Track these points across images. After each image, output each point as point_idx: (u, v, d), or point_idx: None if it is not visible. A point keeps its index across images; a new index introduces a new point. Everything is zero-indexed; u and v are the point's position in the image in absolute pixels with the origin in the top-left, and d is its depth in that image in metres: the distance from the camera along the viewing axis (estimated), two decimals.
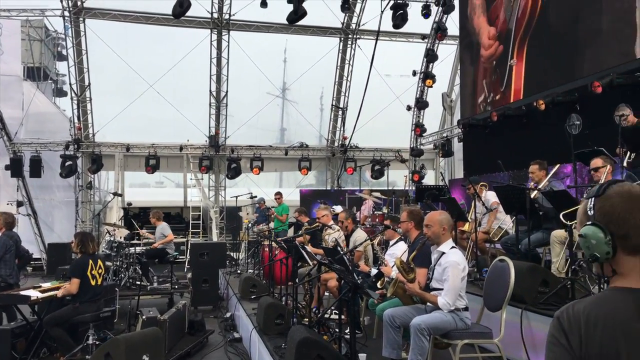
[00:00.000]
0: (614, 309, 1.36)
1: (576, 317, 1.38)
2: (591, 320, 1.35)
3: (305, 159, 16.20)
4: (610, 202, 1.42)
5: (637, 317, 1.32)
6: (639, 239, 1.37)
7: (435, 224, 3.82)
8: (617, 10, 8.40)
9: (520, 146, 10.45)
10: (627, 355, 1.29)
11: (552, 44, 10.11)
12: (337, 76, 16.83)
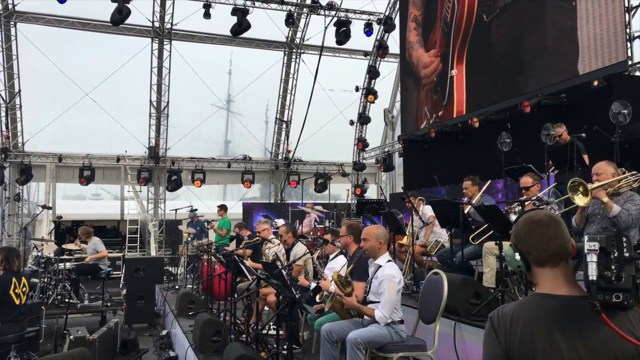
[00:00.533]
0: (531, 311, 1.64)
1: (504, 317, 1.68)
2: (514, 320, 1.64)
3: (248, 172, 16.08)
4: (517, 227, 1.75)
5: (544, 318, 1.61)
6: (537, 254, 1.68)
7: (372, 237, 3.87)
8: (560, 29, 8.82)
9: (457, 162, 10.83)
10: (540, 349, 1.57)
11: (493, 62, 10.54)
12: (282, 89, 16.89)
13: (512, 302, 1.85)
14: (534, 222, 1.72)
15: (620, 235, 1.59)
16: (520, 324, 1.62)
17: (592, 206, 4.44)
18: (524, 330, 1.61)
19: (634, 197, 4.21)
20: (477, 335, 4.10)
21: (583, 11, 8.37)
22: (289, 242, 6.04)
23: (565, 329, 1.57)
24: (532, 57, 9.50)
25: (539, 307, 1.63)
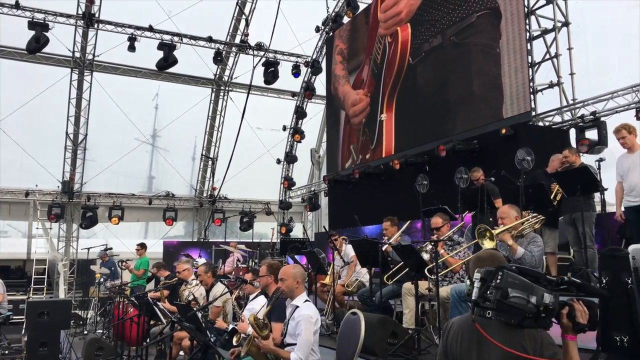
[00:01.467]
0: (463, 322, 2.30)
1: (447, 326, 2.38)
2: (452, 329, 2.33)
3: (170, 209, 15.59)
4: (470, 263, 2.48)
5: (470, 326, 2.17)
6: None
7: (289, 277, 3.83)
8: (485, 75, 9.36)
9: (380, 202, 11.11)
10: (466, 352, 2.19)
11: (418, 106, 10.98)
12: (208, 126, 16.73)
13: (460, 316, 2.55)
14: (479, 258, 2.48)
15: (497, 270, 2.05)
16: (455, 328, 2.31)
17: (499, 249, 4.70)
18: (455, 332, 2.29)
19: (535, 238, 4.50)
20: None
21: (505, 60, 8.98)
22: (208, 283, 5.85)
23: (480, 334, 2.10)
24: (449, 104, 10.07)
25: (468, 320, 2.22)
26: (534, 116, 8.68)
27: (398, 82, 11.67)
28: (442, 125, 10.21)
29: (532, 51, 9.03)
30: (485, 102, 9.28)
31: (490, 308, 2.03)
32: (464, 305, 4.59)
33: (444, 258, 4.99)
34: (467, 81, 9.69)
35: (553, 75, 8.96)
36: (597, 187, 5.28)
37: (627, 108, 7.73)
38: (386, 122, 12.13)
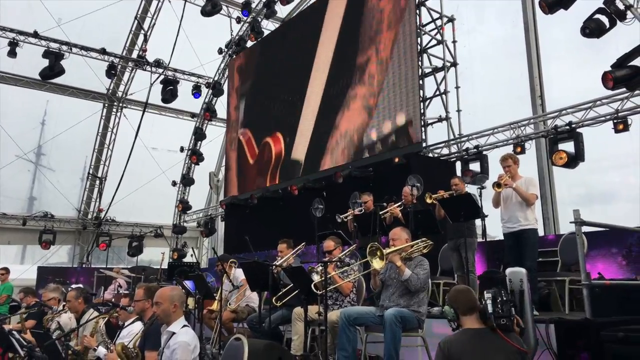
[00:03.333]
0: (462, 337, 3.06)
1: (446, 342, 3.06)
2: (452, 342, 3.04)
3: (48, 231, 14.19)
4: (451, 294, 3.26)
5: (468, 339, 3.02)
6: (463, 308, 3.14)
7: (165, 300, 3.49)
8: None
9: (277, 227, 10.93)
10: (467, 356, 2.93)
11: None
12: (98, 143, 15.65)
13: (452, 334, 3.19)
14: (459, 291, 3.30)
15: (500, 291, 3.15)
16: (455, 344, 3.02)
17: (388, 271, 4.72)
18: (457, 347, 3.00)
19: (423, 262, 4.58)
20: None
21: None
22: (79, 310, 5.25)
23: (482, 344, 2.98)
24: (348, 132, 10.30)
25: (465, 334, 3.07)
26: (425, 147, 9.10)
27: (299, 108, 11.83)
28: (338, 154, 10.40)
29: (424, 87, 9.55)
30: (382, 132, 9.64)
31: (505, 316, 3.03)
32: (352, 329, 4.52)
33: (332, 274, 4.92)
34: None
35: (442, 111, 9.52)
36: (478, 213, 5.54)
37: (506, 143, 8.36)
38: (285, 147, 12.14)
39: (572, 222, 4.16)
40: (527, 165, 8.17)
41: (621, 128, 6.83)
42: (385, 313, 4.26)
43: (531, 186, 5.53)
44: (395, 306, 4.38)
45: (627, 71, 6.16)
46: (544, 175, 8.72)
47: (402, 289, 4.51)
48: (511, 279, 4.17)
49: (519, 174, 5.72)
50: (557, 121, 7.80)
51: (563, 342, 4.01)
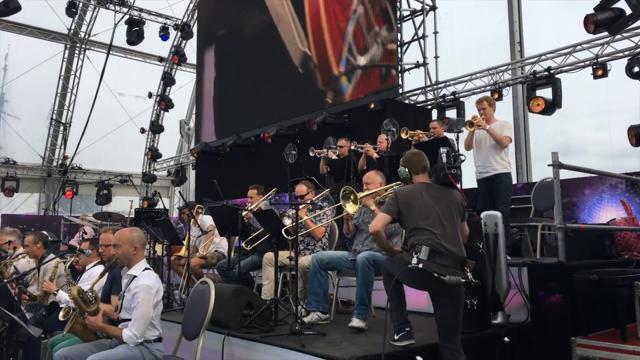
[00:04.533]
0: (412, 187, 3.47)
1: (400, 190, 3.50)
2: (404, 191, 3.45)
3: (11, 178, 13.66)
4: (406, 157, 3.60)
5: (419, 189, 3.41)
6: (416, 168, 3.52)
7: (125, 242, 3.28)
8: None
9: (249, 175, 10.70)
10: (418, 207, 3.31)
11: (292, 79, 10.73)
12: (60, 87, 14.90)
13: (405, 186, 3.62)
14: (413, 153, 3.64)
15: (451, 150, 3.49)
16: (407, 191, 3.43)
17: (362, 215, 4.59)
18: (409, 195, 3.38)
19: None
20: (246, 349, 3.81)
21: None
22: (38, 255, 5.00)
23: (429, 192, 3.37)
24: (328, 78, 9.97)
25: (417, 186, 3.45)
26: (401, 94, 8.88)
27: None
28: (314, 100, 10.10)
29: (402, 30, 9.22)
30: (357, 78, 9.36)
31: (457, 167, 3.50)
32: (324, 273, 4.42)
33: (304, 218, 4.78)
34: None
35: (420, 57, 9.25)
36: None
37: (483, 89, 8.20)
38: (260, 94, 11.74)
39: (550, 165, 4.06)
40: (503, 113, 8.06)
41: (600, 74, 6.72)
42: (357, 257, 4.15)
43: (506, 129, 5.41)
44: (368, 250, 4.28)
45: (610, 14, 5.96)
46: (519, 123, 8.65)
47: None
48: (486, 222, 4.09)
49: (495, 118, 5.59)
50: (535, 67, 7.64)
51: (535, 284, 3.98)
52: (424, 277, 3.12)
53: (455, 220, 3.32)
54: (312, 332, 3.76)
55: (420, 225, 3.26)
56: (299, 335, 3.59)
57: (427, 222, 3.24)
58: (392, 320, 3.43)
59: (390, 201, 3.43)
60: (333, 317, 4.47)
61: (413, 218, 3.31)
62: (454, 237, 3.26)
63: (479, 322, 3.76)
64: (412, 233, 3.31)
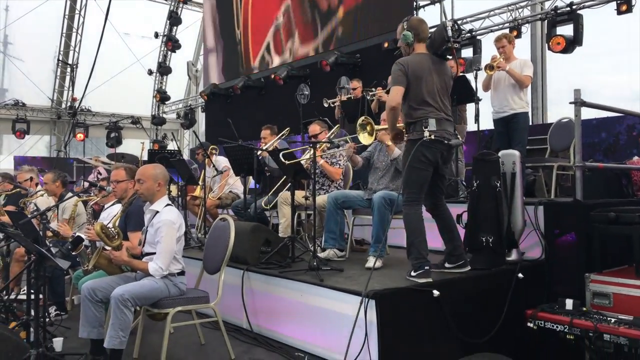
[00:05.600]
0: (414, 57, 3.49)
1: (403, 60, 3.46)
2: (408, 61, 3.46)
3: (21, 120, 13.66)
4: (413, 22, 3.55)
5: (419, 59, 3.48)
6: (421, 35, 3.53)
7: (149, 178, 3.30)
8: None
9: (260, 116, 10.64)
10: (424, 80, 3.44)
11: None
12: (65, 27, 14.60)
13: (408, 56, 3.55)
14: (420, 20, 3.60)
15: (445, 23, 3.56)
16: (411, 61, 3.45)
17: (376, 153, 4.58)
18: (417, 67, 3.42)
19: None
20: (265, 283, 3.92)
21: None
22: (57, 193, 5.08)
23: (432, 66, 3.48)
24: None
25: (418, 56, 3.50)
26: None
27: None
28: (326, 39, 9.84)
29: None
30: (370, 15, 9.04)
31: (457, 41, 3.68)
32: (340, 212, 4.47)
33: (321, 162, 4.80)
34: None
35: None
36: (472, 97, 5.33)
37: (501, 27, 7.93)
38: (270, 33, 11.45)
39: (572, 103, 3.98)
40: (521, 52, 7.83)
41: (624, 9, 6.46)
42: (374, 196, 4.17)
43: (526, 67, 5.29)
44: (384, 189, 4.29)
45: None
46: (537, 63, 8.42)
47: (392, 171, 4.41)
48: (503, 161, 4.07)
49: (514, 55, 5.44)
50: (557, 2, 7.34)
51: (551, 222, 4.00)
52: (436, 146, 3.41)
53: (448, 91, 3.59)
54: (330, 268, 3.85)
55: (426, 99, 3.42)
56: (317, 270, 3.67)
57: (431, 96, 3.43)
58: (411, 256, 3.46)
59: (399, 72, 3.39)
60: (348, 255, 4.56)
61: (420, 91, 3.42)
62: (448, 105, 3.57)
63: (494, 258, 3.81)
64: (419, 106, 3.43)
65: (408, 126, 3.52)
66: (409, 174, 3.46)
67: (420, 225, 3.49)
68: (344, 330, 3.20)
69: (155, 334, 3.87)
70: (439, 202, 3.72)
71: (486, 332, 3.49)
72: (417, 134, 3.42)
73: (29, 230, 3.23)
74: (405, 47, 3.55)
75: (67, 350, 3.46)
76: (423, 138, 3.36)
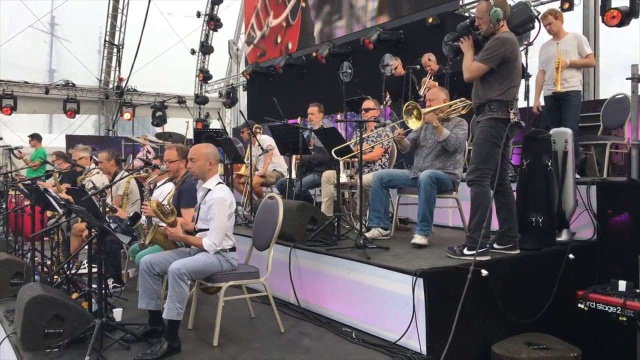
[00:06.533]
0: (512, 36, 3.48)
1: (507, 40, 3.41)
2: (514, 42, 3.45)
3: (72, 100, 14.16)
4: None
5: (516, 41, 3.50)
6: (507, 16, 3.45)
7: (201, 157, 3.41)
8: None
9: (301, 95, 10.66)
10: (519, 61, 3.58)
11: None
12: (111, 8, 14.92)
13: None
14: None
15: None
16: (515, 41, 3.48)
17: (423, 132, 4.54)
18: (516, 45, 3.47)
19: (462, 122, 4.37)
20: (312, 260, 4.00)
21: None
22: (111, 171, 5.29)
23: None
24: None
25: (511, 34, 3.46)
26: (461, 6, 8.41)
27: None
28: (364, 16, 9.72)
29: None
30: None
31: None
32: (385, 191, 4.48)
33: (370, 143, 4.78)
34: None
35: None
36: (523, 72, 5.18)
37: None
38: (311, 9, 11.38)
39: (629, 78, 3.84)
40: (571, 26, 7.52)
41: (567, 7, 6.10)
42: (420, 174, 4.16)
43: (584, 46, 5.13)
44: (430, 167, 4.27)
45: None
46: (589, 37, 8.05)
47: (438, 150, 4.36)
48: (555, 139, 3.97)
49: (564, 30, 5.25)
50: None
51: (604, 202, 3.91)
52: (516, 128, 3.52)
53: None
54: (376, 246, 3.89)
55: (515, 80, 3.48)
56: (363, 248, 3.72)
57: (519, 77, 3.53)
58: (476, 233, 3.40)
59: (497, 52, 3.38)
60: (393, 234, 4.58)
61: (512, 72, 3.45)
62: None
63: (544, 238, 3.76)
64: (508, 87, 3.45)
65: (485, 104, 3.53)
66: (490, 152, 3.49)
67: (491, 204, 3.46)
68: (391, 307, 3.25)
69: (207, 307, 4.04)
70: (506, 178, 3.70)
71: (535, 312, 3.47)
72: (502, 113, 3.46)
73: (91, 207, 3.40)
74: (491, 25, 3.45)
75: (126, 320, 3.64)
76: (510, 119, 3.44)
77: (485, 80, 3.51)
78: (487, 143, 3.48)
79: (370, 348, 3.16)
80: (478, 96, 3.61)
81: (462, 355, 3.12)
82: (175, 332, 3.09)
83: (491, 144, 3.47)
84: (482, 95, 3.56)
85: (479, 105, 3.60)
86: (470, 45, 3.59)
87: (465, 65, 3.58)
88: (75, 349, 3.11)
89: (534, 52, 5.29)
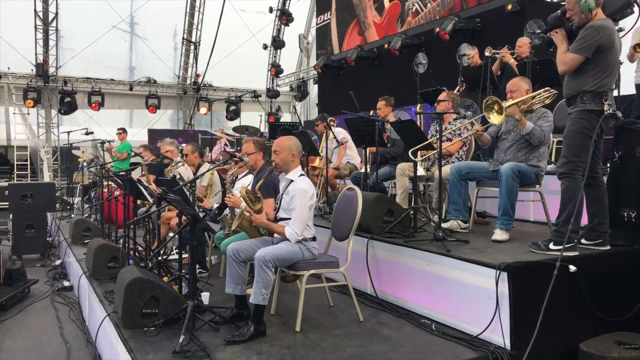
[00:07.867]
0: (609, 23, 3.31)
1: (601, 28, 3.25)
2: (610, 29, 3.29)
3: (153, 96, 14.95)
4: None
5: (614, 29, 3.37)
6: (601, 3, 3.30)
7: (284, 149, 3.54)
8: None
9: (373, 87, 10.65)
10: (616, 49, 3.34)
11: None
12: (189, 6, 15.57)
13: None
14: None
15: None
16: (611, 28, 3.33)
17: (505, 125, 4.41)
18: (613, 32, 3.31)
19: (546, 113, 4.21)
20: (390, 252, 4.03)
21: None
22: (195, 163, 5.58)
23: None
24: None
25: (608, 21, 3.32)
26: None
27: None
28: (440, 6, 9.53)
29: None
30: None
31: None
32: (463, 183, 4.41)
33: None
34: None
35: None
36: None
37: None
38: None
39: None
40: None
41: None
42: (501, 167, 4.06)
43: None
44: (512, 160, 4.16)
45: None
46: None
47: (520, 142, 4.22)
48: None
49: None
50: None
51: None
52: (611, 119, 3.41)
53: None
54: (455, 239, 3.85)
55: (613, 71, 3.35)
56: (442, 241, 3.70)
57: (617, 68, 3.41)
58: (565, 227, 3.29)
59: (592, 35, 3.24)
60: (471, 227, 4.51)
61: (610, 62, 3.32)
62: None
63: (637, 235, 3.57)
64: (604, 78, 3.32)
65: (577, 96, 3.39)
66: (581, 144, 3.35)
67: (581, 198, 3.35)
68: (472, 300, 3.23)
69: (287, 295, 4.18)
70: (598, 171, 3.55)
71: (626, 311, 3.32)
72: (596, 105, 3.32)
73: (182, 196, 3.62)
74: (583, 15, 3.32)
75: (213, 304, 3.85)
76: (604, 111, 3.31)
77: (578, 70, 3.35)
78: (579, 135, 3.34)
79: (451, 340, 3.16)
80: (570, 87, 3.44)
81: (547, 352, 3.05)
82: (261, 316, 3.24)
83: (583, 136, 3.33)
84: (575, 87, 3.40)
85: (570, 97, 3.45)
86: (564, 37, 3.43)
87: (559, 58, 3.43)
88: (170, 328, 3.34)
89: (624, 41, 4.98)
